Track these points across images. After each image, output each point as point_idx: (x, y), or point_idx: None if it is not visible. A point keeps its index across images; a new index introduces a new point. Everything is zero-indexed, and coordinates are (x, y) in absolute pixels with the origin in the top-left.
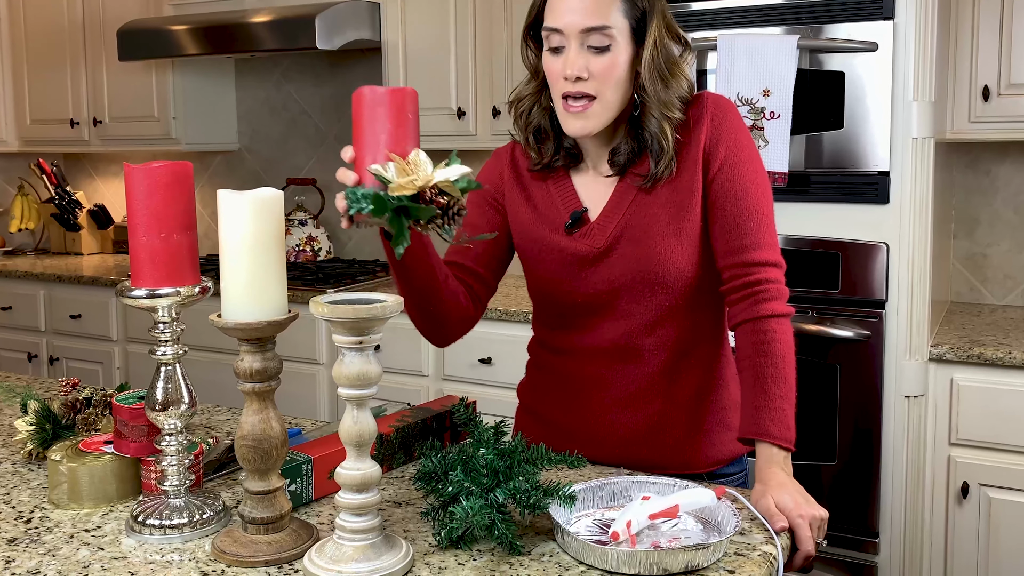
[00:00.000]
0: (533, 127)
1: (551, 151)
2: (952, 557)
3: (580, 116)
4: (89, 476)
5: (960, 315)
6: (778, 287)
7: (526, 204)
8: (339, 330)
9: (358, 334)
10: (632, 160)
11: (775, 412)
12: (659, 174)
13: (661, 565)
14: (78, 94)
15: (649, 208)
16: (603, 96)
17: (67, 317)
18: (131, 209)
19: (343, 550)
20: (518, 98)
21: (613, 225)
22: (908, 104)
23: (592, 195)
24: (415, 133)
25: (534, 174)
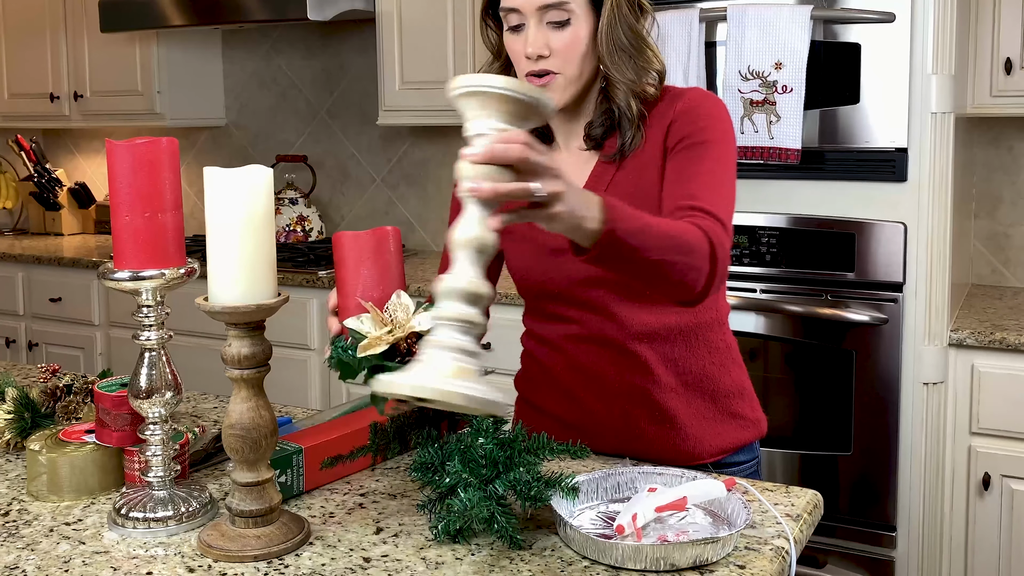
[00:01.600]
0: None
1: None
2: (973, 551)
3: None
4: (70, 467)
5: (981, 298)
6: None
7: None
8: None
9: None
10: (607, 134)
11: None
12: (624, 145)
13: (668, 560)
14: (58, 67)
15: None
16: (566, 71)
17: (47, 300)
18: (113, 187)
19: (445, 366)
20: None
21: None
22: (927, 77)
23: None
24: (398, 273)
25: None
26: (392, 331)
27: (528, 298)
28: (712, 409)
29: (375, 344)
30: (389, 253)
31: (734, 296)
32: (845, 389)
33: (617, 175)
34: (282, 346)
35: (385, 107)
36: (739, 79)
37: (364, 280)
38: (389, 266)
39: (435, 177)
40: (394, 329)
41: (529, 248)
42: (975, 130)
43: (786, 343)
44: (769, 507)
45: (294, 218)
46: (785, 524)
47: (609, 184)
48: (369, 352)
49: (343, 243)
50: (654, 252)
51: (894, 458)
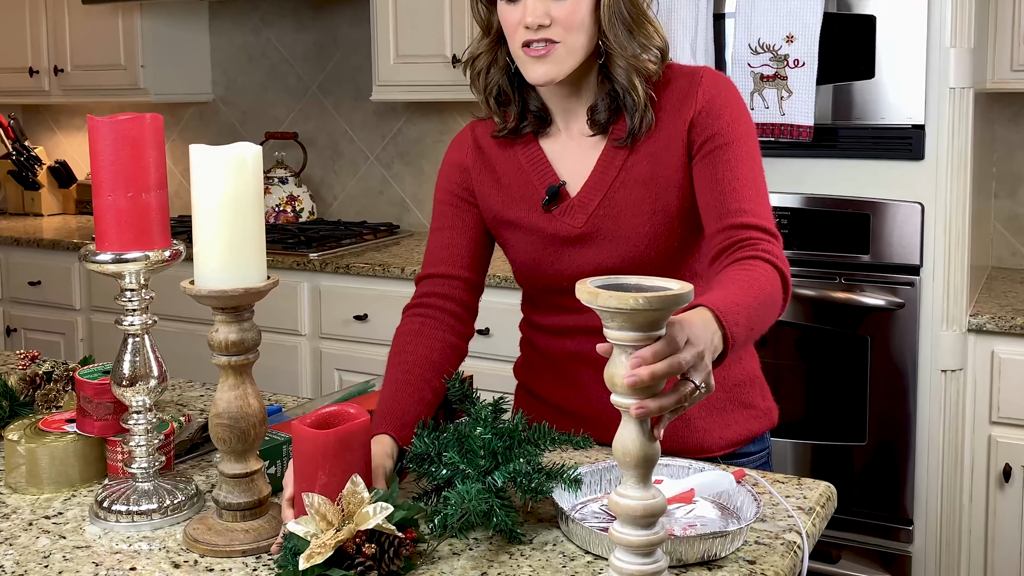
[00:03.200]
0: (493, 89)
1: (516, 115)
2: (993, 546)
3: (544, 60)
4: (49, 458)
5: (1002, 282)
6: (769, 248)
7: (495, 187)
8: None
9: (653, 329)
10: (611, 119)
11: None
12: (636, 128)
13: (675, 555)
14: (38, 40)
15: (634, 186)
16: (566, 41)
17: (25, 284)
18: (95, 166)
19: None
20: (472, 56)
21: (596, 203)
22: (945, 51)
23: (568, 162)
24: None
25: (500, 147)
26: (337, 531)
27: (534, 289)
28: (722, 399)
29: (318, 552)
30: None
31: None
32: (859, 376)
33: (630, 160)
34: (271, 332)
35: (379, 82)
36: (749, 53)
37: (321, 486)
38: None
39: (431, 155)
40: (340, 527)
41: (537, 239)
42: (995, 106)
43: (798, 328)
44: (780, 500)
45: (284, 198)
46: (797, 517)
47: (620, 169)
48: (312, 563)
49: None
50: (758, 331)
51: (911, 448)
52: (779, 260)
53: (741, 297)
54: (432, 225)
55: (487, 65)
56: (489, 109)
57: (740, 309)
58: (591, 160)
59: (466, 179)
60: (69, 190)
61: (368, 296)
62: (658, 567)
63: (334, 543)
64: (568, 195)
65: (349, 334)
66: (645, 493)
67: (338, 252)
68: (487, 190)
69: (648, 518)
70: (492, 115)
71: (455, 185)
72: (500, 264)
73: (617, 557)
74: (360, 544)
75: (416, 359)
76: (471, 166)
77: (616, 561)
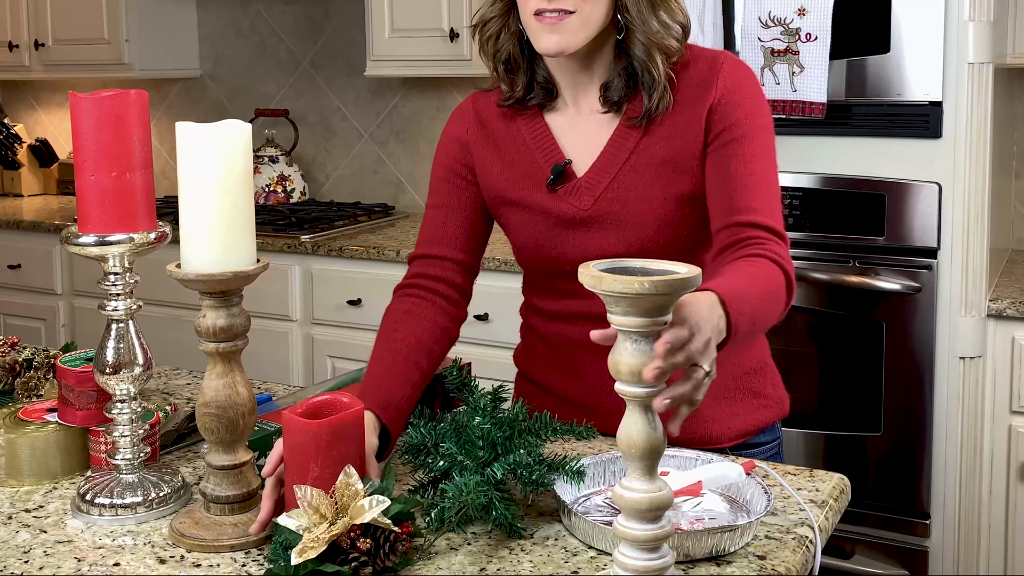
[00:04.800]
0: (502, 55)
1: (524, 85)
2: (1013, 540)
3: (556, 29)
4: (30, 449)
5: (1023, 265)
6: (777, 250)
7: (498, 163)
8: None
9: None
10: (626, 96)
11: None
12: (654, 108)
13: (682, 550)
14: (17, 12)
15: (646, 169)
16: (582, 11)
17: (5, 268)
18: (78, 144)
19: None
20: (483, 20)
21: (605, 185)
22: (964, 24)
23: (575, 140)
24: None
25: (503, 121)
26: (332, 524)
27: (536, 272)
28: (731, 388)
29: (310, 546)
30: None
31: None
32: (874, 364)
33: (643, 142)
34: (261, 317)
35: (373, 57)
36: (759, 26)
37: (313, 479)
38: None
39: (427, 132)
40: (333, 521)
41: (541, 220)
42: (1016, 82)
43: (810, 314)
44: (791, 492)
45: (274, 178)
46: (809, 511)
47: (632, 152)
48: (305, 557)
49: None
50: (762, 326)
51: (928, 439)
52: (785, 262)
53: (747, 288)
54: (428, 202)
55: (498, 30)
56: (497, 76)
57: (746, 299)
58: (601, 139)
59: (466, 155)
60: (50, 169)
61: (362, 280)
62: (664, 563)
63: (328, 537)
64: (575, 175)
65: (342, 319)
66: (651, 486)
67: (331, 234)
68: (488, 167)
69: (654, 512)
70: (500, 83)
71: (454, 161)
72: (500, 247)
73: (621, 552)
74: (355, 539)
75: (405, 339)
76: (472, 141)
77: (620, 556)
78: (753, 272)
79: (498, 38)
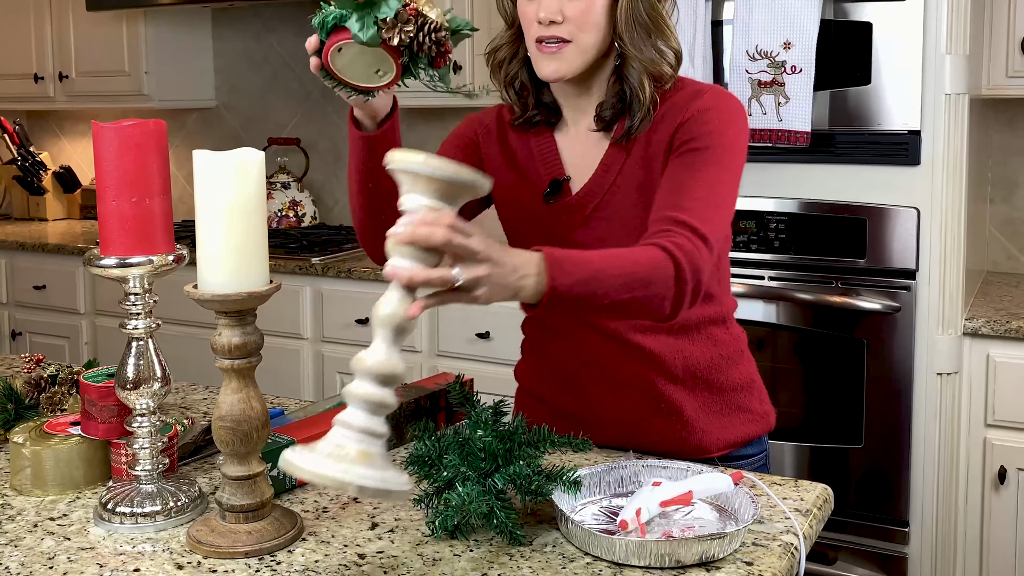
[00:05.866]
0: (512, 79)
1: (531, 105)
2: (988, 547)
3: (554, 58)
4: (54, 460)
5: (997, 286)
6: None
7: (506, 161)
8: (424, 188)
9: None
10: (617, 117)
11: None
12: (634, 127)
13: (673, 556)
14: (42, 46)
15: (629, 192)
16: (578, 40)
17: (31, 288)
18: (100, 171)
19: (345, 449)
20: (494, 48)
21: (593, 205)
22: (941, 57)
23: (574, 158)
24: None
25: (518, 132)
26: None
27: None
28: (719, 402)
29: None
30: None
31: (741, 284)
32: (856, 380)
33: (627, 164)
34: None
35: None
36: (746, 59)
37: None
38: None
39: None
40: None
41: (537, 229)
42: (990, 112)
43: (795, 332)
44: (777, 501)
45: (286, 203)
46: (794, 519)
47: (618, 174)
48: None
49: None
50: (606, 297)
51: (907, 451)
52: (679, 251)
53: (593, 260)
54: None
55: (508, 56)
56: (508, 99)
57: (582, 267)
58: (595, 159)
59: (480, 135)
60: (74, 195)
61: (370, 300)
62: (383, 429)
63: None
64: (570, 191)
65: (351, 337)
66: (392, 354)
67: (340, 256)
68: (495, 160)
69: (388, 378)
70: (511, 104)
71: (467, 132)
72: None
73: (346, 415)
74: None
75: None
76: (490, 130)
77: (343, 417)
78: (621, 252)
79: (508, 63)
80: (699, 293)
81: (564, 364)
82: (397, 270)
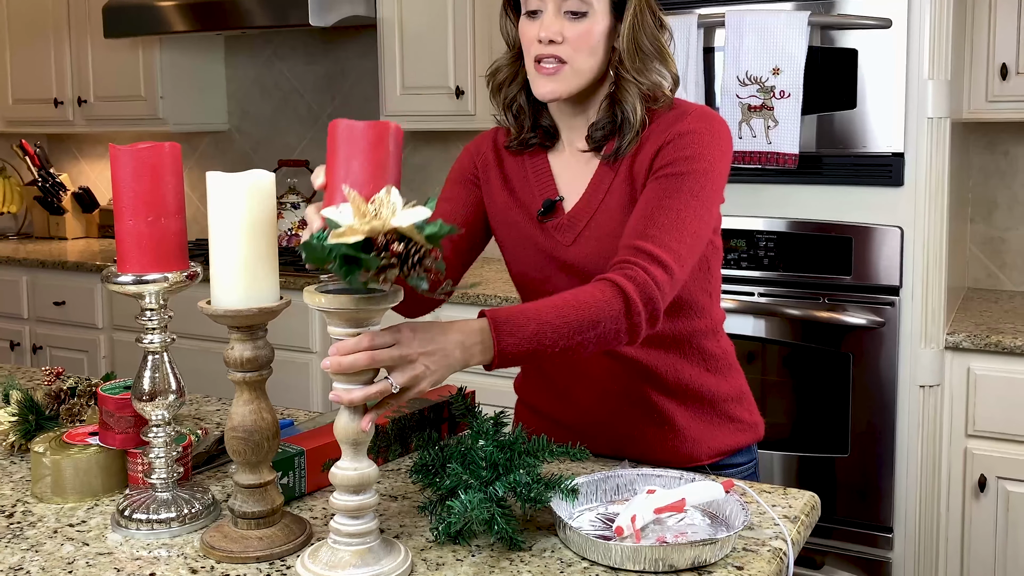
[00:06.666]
0: (510, 102)
1: (528, 127)
2: (969, 552)
3: (551, 78)
4: (73, 469)
5: (977, 302)
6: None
7: (503, 186)
8: (336, 321)
9: (356, 325)
10: (608, 137)
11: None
12: (620, 148)
13: (667, 561)
14: (62, 73)
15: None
16: (574, 62)
17: (51, 304)
18: (117, 192)
19: (339, 555)
20: (496, 69)
21: (584, 224)
22: (923, 83)
23: (567, 178)
24: (394, 173)
25: (513, 153)
26: (371, 222)
27: (528, 299)
28: (710, 412)
29: (350, 233)
30: (387, 150)
31: (732, 299)
32: (842, 392)
33: (615, 182)
34: (284, 349)
35: (386, 112)
36: (737, 84)
37: (354, 174)
38: (384, 163)
39: (435, 180)
40: (373, 221)
41: (531, 249)
42: (971, 135)
43: (784, 346)
44: (767, 509)
45: (296, 222)
46: (783, 525)
47: (607, 193)
48: (342, 240)
49: (337, 131)
50: (556, 345)
51: (891, 460)
52: (632, 284)
53: (542, 313)
54: (438, 198)
55: (507, 79)
56: (506, 121)
57: (524, 324)
58: (586, 178)
59: (478, 169)
60: (92, 215)
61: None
62: (368, 527)
63: (367, 229)
64: (563, 211)
65: None
66: (358, 465)
67: None
68: (494, 186)
69: (359, 486)
70: (508, 126)
71: (468, 166)
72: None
73: (336, 521)
74: (389, 240)
75: None
76: (487, 160)
77: (334, 524)
78: (568, 298)
79: (507, 85)
80: (657, 318)
81: (561, 377)
82: (340, 395)
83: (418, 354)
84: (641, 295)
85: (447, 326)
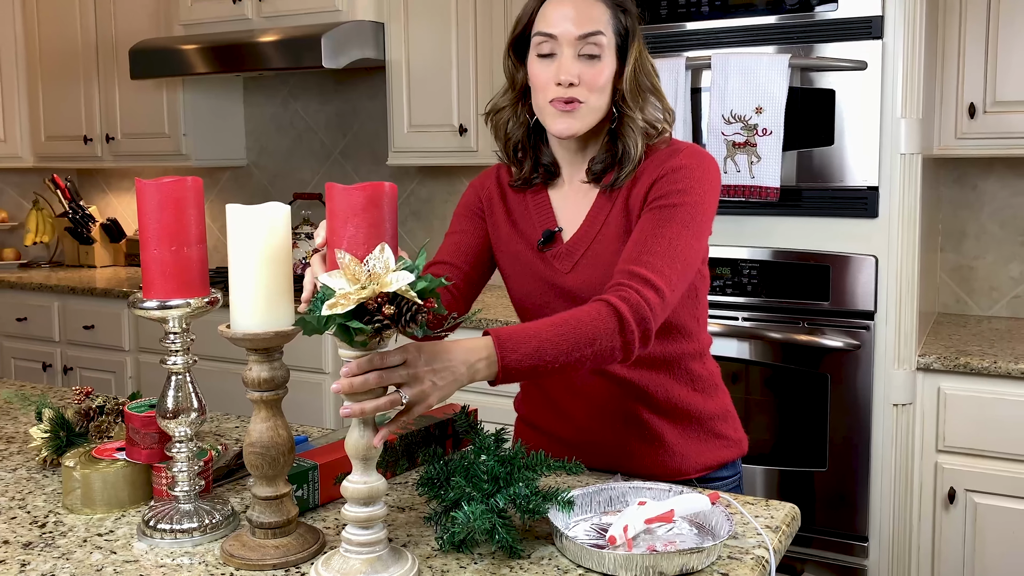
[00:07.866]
0: (512, 142)
1: (529, 167)
2: (939, 560)
3: (568, 116)
4: (102, 482)
5: (947, 326)
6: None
7: (506, 218)
8: (346, 344)
9: (366, 347)
10: (607, 170)
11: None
12: (617, 180)
13: (657, 568)
14: (91, 111)
15: (612, 240)
16: (589, 101)
17: (80, 328)
18: (143, 223)
19: (350, 563)
20: (495, 108)
21: (581, 252)
22: (896, 121)
23: (567, 210)
24: (390, 232)
25: (515, 190)
26: (363, 288)
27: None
28: (697, 430)
29: (341, 303)
30: (381, 211)
31: (718, 324)
32: (821, 410)
33: (611, 213)
34: (299, 370)
35: (395, 148)
36: (722, 122)
37: (351, 237)
38: (380, 224)
39: (440, 213)
40: (365, 286)
41: (532, 277)
42: (941, 170)
43: (766, 367)
44: (750, 519)
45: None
46: (765, 535)
47: (603, 224)
48: (334, 311)
49: (333, 196)
50: (556, 361)
51: (866, 474)
52: (626, 305)
53: (542, 331)
54: (447, 232)
55: (508, 118)
56: (507, 158)
57: (526, 341)
58: (585, 209)
59: (484, 201)
60: (119, 244)
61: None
62: (377, 536)
63: (357, 298)
64: (562, 241)
65: None
66: (368, 478)
67: None
68: (498, 219)
69: (369, 498)
70: (510, 164)
71: (474, 201)
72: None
73: (348, 531)
74: (381, 304)
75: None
76: (491, 194)
77: (346, 534)
78: (567, 318)
79: (508, 125)
80: (649, 337)
81: (558, 396)
82: (352, 406)
83: (425, 371)
84: (635, 315)
85: (453, 345)
